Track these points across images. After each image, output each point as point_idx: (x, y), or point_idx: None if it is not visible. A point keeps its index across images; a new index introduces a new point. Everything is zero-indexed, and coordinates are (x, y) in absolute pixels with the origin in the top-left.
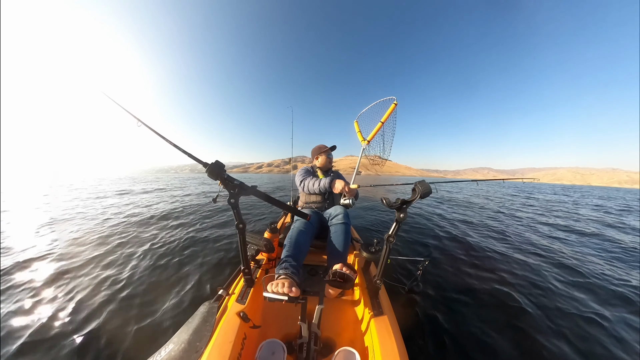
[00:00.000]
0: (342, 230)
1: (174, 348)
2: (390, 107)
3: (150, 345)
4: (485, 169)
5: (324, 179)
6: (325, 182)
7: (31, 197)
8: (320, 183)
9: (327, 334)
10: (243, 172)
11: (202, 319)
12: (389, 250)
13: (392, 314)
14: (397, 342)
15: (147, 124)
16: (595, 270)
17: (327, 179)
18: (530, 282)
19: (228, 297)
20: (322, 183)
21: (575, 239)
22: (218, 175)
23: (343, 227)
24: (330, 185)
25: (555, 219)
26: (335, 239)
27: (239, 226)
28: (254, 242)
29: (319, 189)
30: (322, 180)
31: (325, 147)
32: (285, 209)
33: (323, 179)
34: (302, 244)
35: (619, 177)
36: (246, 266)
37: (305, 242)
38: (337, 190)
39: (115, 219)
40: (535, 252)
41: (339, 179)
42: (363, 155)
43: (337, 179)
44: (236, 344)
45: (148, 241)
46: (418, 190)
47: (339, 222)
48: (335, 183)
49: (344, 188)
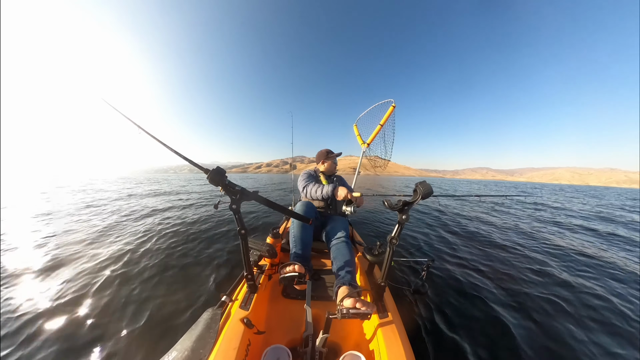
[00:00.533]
0: (346, 249)
1: (177, 355)
2: (389, 109)
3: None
4: (484, 168)
5: (327, 186)
6: (328, 189)
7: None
8: (323, 190)
9: (333, 339)
10: (242, 172)
11: (206, 325)
12: (392, 252)
13: (397, 316)
14: (403, 344)
15: (148, 131)
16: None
17: (330, 186)
18: (543, 282)
19: (231, 304)
20: (325, 190)
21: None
22: (219, 182)
23: (345, 245)
24: (333, 192)
25: (591, 223)
26: (340, 259)
27: (241, 232)
28: (256, 248)
29: (321, 195)
30: (325, 187)
31: (332, 152)
32: (287, 213)
33: (326, 186)
34: (306, 239)
35: (617, 177)
36: (249, 272)
37: (308, 237)
38: (339, 198)
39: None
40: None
41: (342, 185)
42: (364, 156)
43: (340, 187)
44: (240, 350)
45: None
46: (419, 191)
47: (341, 241)
48: (338, 190)
49: (346, 196)
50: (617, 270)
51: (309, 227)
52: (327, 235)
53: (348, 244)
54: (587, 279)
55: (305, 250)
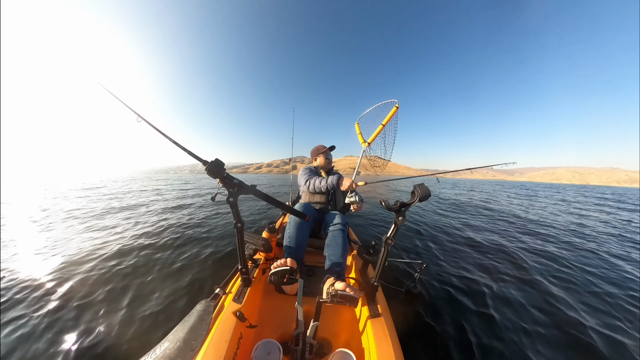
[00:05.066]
0: (340, 237)
1: (169, 346)
2: (392, 110)
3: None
4: (484, 168)
5: (332, 177)
6: (333, 179)
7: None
8: (327, 181)
9: (323, 335)
10: (242, 172)
11: (199, 317)
12: (386, 252)
13: (389, 315)
14: (393, 343)
15: (147, 120)
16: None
17: (335, 176)
18: (531, 282)
19: (225, 296)
20: (330, 180)
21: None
22: (217, 174)
23: (341, 233)
24: (338, 182)
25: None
26: (333, 246)
27: (237, 225)
28: (252, 242)
29: (326, 186)
30: (330, 178)
31: (324, 147)
32: (284, 208)
33: (331, 177)
34: (301, 236)
35: (617, 177)
36: (243, 265)
37: (304, 235)
38: (344, 188)
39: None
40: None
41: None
42: (363, 156)
43: (345, 177)
44: (232, 343)
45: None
46: (417, 193)
47: (337, 228)
48: (343, 180)
49: (351, 185)
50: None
51: (305, 225)
52: (326, 227)
53: (344, 232)
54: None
55: (299, 249)
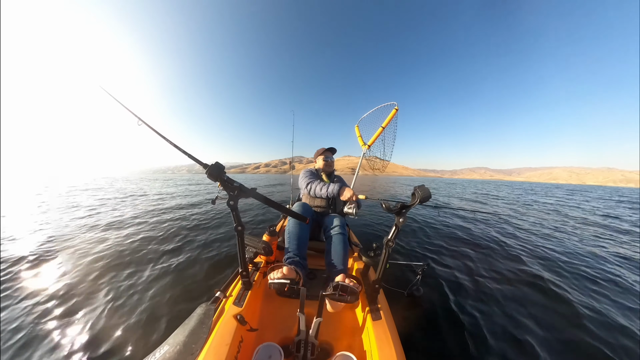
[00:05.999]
0: (340, 241)
1: (169, 350)
2: (391, 112)
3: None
4: (482, 168)
5: (333, 185)
6: (334, 188)
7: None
8: (328, 189)
9: (325, 339)
10: (240, 172)
11: (199, 320)
12: (388, 254)
13: (390, 318)
14: (395, 347)
15: (148, 123)
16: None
17: (337, 185)
18: (536, 285)
19: (225, 300)
20: (331, 189)
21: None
22: (218, 177)
23: (341, 237)
24: (339, 192)
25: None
26: (334, 250)
27: (237, 228)
28: (252, 245)
29: (326, 194)
30: (331, 186)
31: (324, 149)
32: (284, 212)
33: (332, 185)
34: (302, 236)
35: (614, 177)
36: (244, 269)
37: (304, 237)
38: (344, 198)
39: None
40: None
41: (343, 186)
42: (364, 157)
43: (346, 187)
44: (232, 346)
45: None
46: (417, 194)
47: (337, 232)
48: (344, 191)
49: (351, 197)
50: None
51: (306, 226)
52: (325, 231)
53: (344, 235)
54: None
55: (301, 250)
